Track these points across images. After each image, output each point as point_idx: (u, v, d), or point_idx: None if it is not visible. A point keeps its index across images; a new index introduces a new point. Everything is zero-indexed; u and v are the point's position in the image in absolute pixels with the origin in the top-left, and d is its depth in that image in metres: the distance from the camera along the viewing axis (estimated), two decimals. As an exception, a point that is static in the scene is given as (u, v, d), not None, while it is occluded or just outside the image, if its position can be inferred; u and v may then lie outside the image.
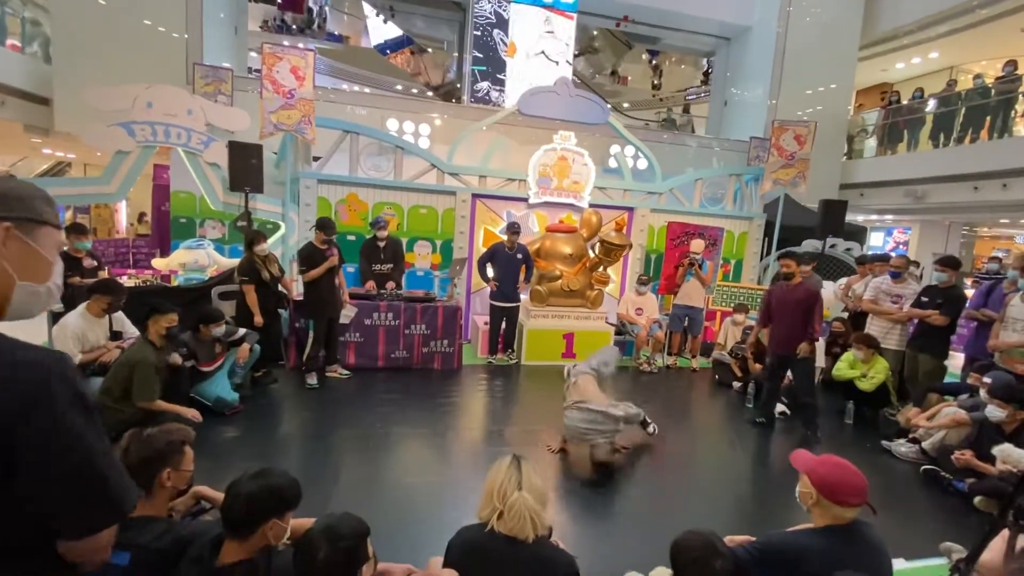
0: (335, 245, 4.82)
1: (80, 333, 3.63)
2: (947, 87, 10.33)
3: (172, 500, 1.77)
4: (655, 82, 18.67)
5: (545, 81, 10.65)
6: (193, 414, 3.38)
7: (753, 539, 1.83)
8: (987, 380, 3.61)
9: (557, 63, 10.90)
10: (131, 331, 3.97)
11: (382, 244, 5.45)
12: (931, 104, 10.21)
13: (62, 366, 0.85)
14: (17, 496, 0.80)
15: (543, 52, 10.81)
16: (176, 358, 3.66)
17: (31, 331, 5.83)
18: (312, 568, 1.26)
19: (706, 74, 18.60)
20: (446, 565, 1.64)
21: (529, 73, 10.74)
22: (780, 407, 4.86)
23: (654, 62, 18.89)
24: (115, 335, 3.86)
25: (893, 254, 5.80)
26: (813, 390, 4.47)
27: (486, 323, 6.06)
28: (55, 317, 4.13)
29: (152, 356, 3.35)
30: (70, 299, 4.36)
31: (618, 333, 6.41)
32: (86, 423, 0.85)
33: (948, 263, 4.80)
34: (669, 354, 6.51)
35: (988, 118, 8.93)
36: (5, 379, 0.79)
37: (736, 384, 5.60)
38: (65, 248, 4.70)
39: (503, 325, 5.89)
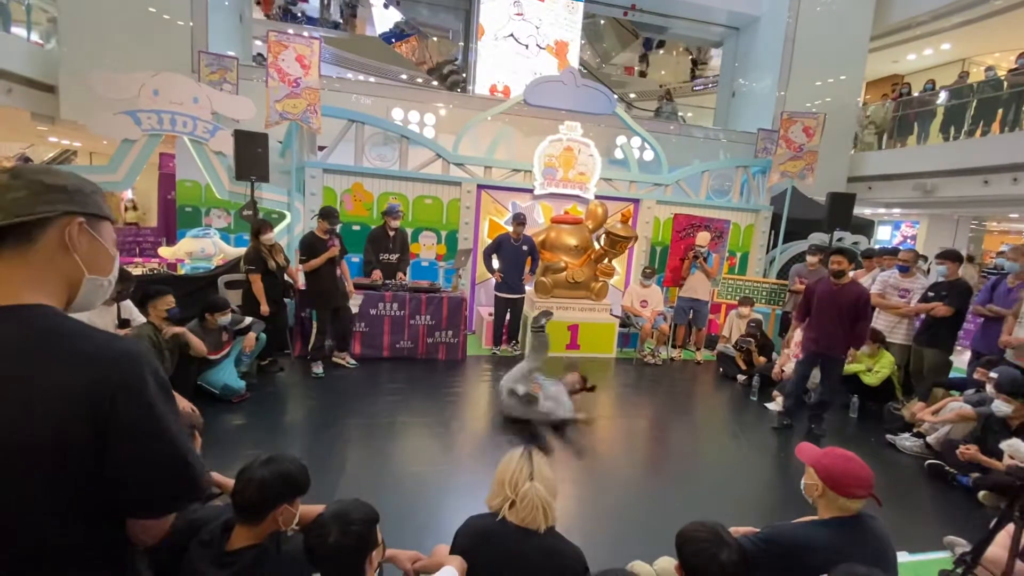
0: (337, 235, 4.82)
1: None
2: (959, 79, 10.19)
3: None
4: (642, 70, 18.50)
5: (514, 64, 10.66)
6: (187, 406, 3.37)
7: (757, 530, 1.84)
8: (993, 375, 3.60)
9: (527, 46, 10.75)
10: (139, 319, 3.99)
11: (392, 233, 5.46)
12: (942, 96, 10.08)
13: (149, 355, 0.91)
14: (107, 478, 0.85)
15: (512, 35, 10.66)
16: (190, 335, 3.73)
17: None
18: (323, 551, 1.27)
19: (694, 63, 18.46)
20: (453, 553, 1.65)
21: (497, 56, 10.58)
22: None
23: (659, 51, 18.69)
24: (123, 323, 3.88)
25: (901, 248, 5.76)
26: (837, 390, 4.38)
27: (491, 314, 6.07)
28: (64, 304, 4.16)
29: (149, 332, 3.43)
30: (78, 287, 4.40)
31: (622, 325, 6.41)
32: (170, 408, 0.90)
33: (948, 256, 4.79)
34: (673, 347, 6.51)
35: (1000, 111, 8.82)
36: (102, 366, 0.83)
37: (740, 377, 5.61)
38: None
39: (507, 316, 5.90)
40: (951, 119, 9.70)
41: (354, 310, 5.13)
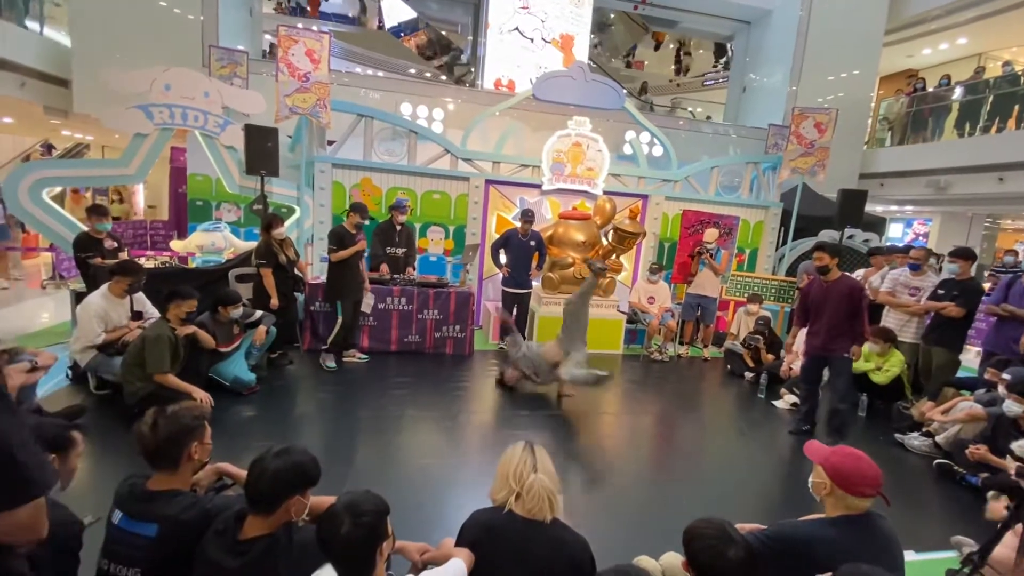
0: (361, 232, 4.88)
1: (103, 313, 3.71)
2: (975, 74, 10.03)
3: (194, 474, 1.82)
4: (628, 60, 18.50)
5: (518, 58, 10.65)
6: (204, 397, 3.45)
7: (764, 527, 1.84)
8: (1006, 376, 3.56)
9: (532, 40, 10.71)
10: (151, 311, 4.05)
11: (399, 228, 5.49)
12: (957, 92, 9.93)
13: None
14: None
15: (517, 28, 10.62)
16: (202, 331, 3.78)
17: (56, 312, 5.96)
18: (335, 542, 1.29)
19: (680, 53, 18.38)
20: (459, 546, 1.67)
21: (502, 50, 10.59)
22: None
23: (670, 46, 18.63)
24: (136, 315, 3.95)
25: (913, 246, 5.70)
26: (850, 394, 4.18)
27: (498, 309, 6.08)
28: (78, 297, 4.23)
29: (168, 332, 3.47)
30: (92, 280, 4.47)
31: (630, 321, 6.41)
32: None
33: (960, 254, 4.70)
34: (681, 343, 6.50)
35: (1017, 107, 8.68)
36: None
37: (748, 374, 5.59)
38: (86, 229, 4.79)
39: (515, 311, 5.91)
40: (966, 115, 9.56)
41: (367, 311, 5.18)
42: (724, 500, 3.26)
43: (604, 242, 6.26)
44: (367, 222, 4.90)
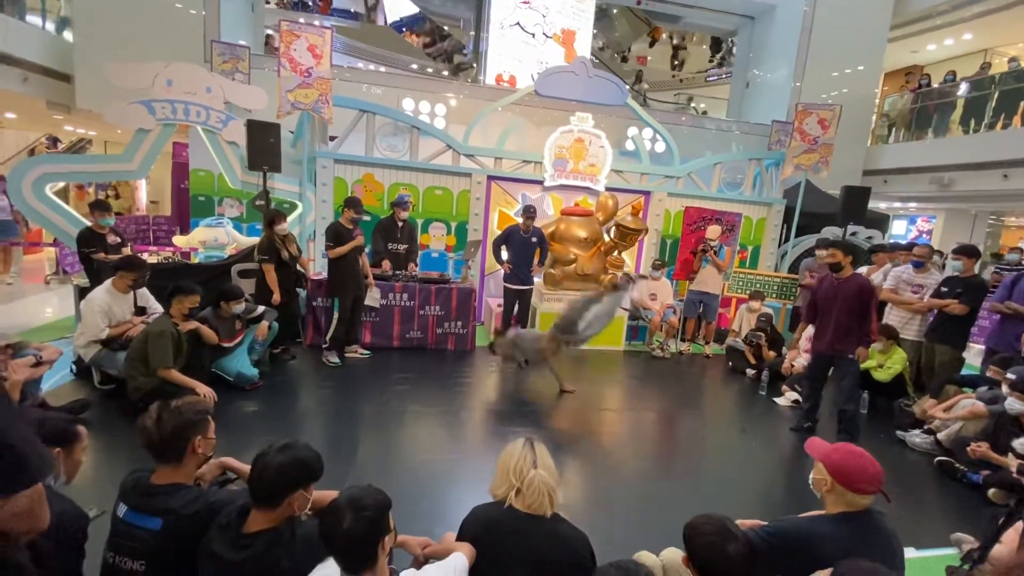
0: (358, 227, 4.88)
1: (107, 308, 3.73)
2: (980, 70, 9.96)
3: (198, 468, 1.84)
4: (625, 55, 18.47)
5: (520, 53, 10.64)
6: (207, 392, 3.46)
7: (764, 523, 1.85)
8: (1011, 376, 3.55)
9: (533, 35, 10.68)
10: (155, 307, 4.07)
11: (401, 224, 5.49)
12: (963, 88, 9.87)
13: None
14: None
15: (518, 23, 10.58)
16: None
17: (60, 307, 5.98)
18: (337, 535, 1.30)
19: (676, 49, 18.35)
20: (460, 541, 1.68)
21: (503, 45, 10.58)
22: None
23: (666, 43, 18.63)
24: (140, 310, 3.96)
25: (916, 243, 5.68)
26: (857, 395, 4.13)
27: (499, 305, 6.09)
28: (82, 292, 4.24)
29: (171, 327, 3.50)
30: (96, 275, 4.49)
31: (632, 318, 6.40)
32: None
33: (964, 251, 4.68)
34: (683, 340, 6.49)
35: (1022, 103, 8.62)
36: None
37: (750, 371, 5.59)
38: (89, 224, 4.81)
39: (516, 308, 5.91)
40: (971, 111, 9.50)
41: (375, 305, 5.20)
42: (725, 496, 3.27)
43: (606, 238, 6.25)
44: (366, 217, 4.90)
